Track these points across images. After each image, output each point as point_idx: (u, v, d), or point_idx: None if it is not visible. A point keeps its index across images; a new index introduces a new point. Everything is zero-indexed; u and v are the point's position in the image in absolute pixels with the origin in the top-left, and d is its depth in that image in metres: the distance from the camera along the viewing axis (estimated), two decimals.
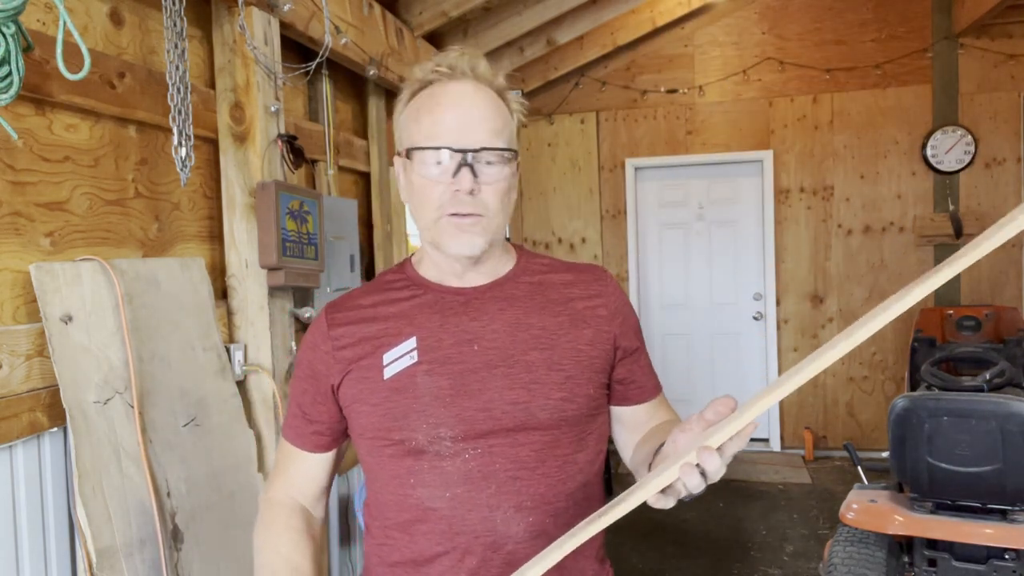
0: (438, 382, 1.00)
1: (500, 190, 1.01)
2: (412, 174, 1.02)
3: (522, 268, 1.12)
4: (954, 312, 4.21)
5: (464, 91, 1.01)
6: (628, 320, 1.12)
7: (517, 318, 1.05)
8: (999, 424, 2.26)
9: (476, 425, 0.99)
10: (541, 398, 1.00)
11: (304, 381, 1.10)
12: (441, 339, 1.03)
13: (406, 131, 1.04)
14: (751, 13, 5.15)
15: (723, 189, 5.31)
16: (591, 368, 1.05)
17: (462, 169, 0.97)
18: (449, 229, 1.00)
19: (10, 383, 1.45)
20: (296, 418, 1.11)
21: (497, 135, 1.00)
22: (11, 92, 1.31)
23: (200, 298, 1.95)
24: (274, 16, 2.21)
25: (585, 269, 1.14)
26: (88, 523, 1.48)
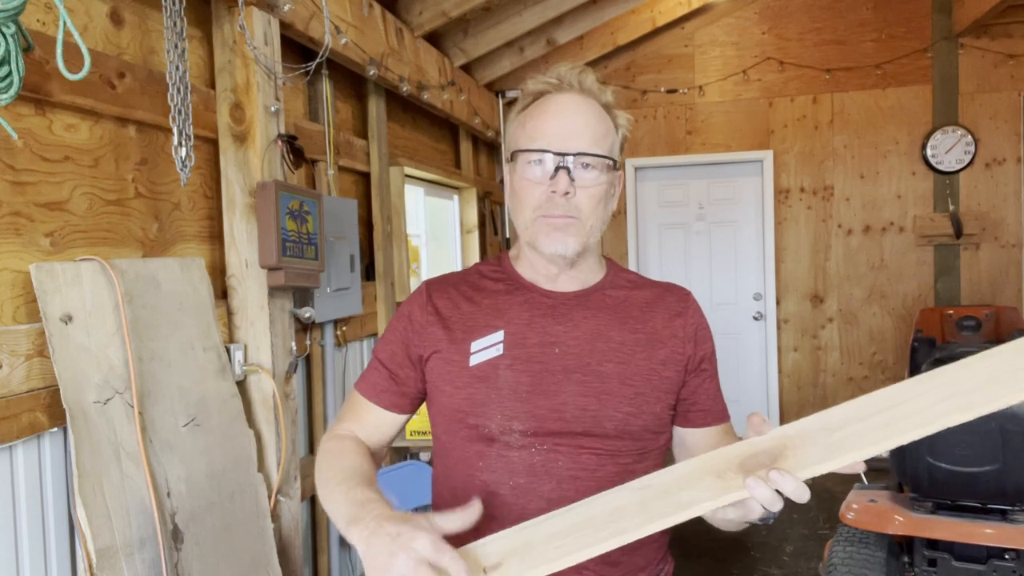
0: (519, 377, 1.05)
1: (595, 195, 1.05)
2: (514, 176, 1.08)
3: (610, 281, 1.16)
4: (954, 312, 4.21)
5: (569, 101, 1.07)
6: (703, 345, 1.15)
7: (598, 329, 1.09)
8: (999, 424, 2.26)
9: (546, 423, 1.03)
10: (610, 409, 1.04)
11: (395, 345, 1.15)
12: (527, 337, 1.08)
13: (513, 137, 1.12)
14: (751, 13, 5.15)
15: (723, 189, 5.31)
16: (661, 387, 1.08)
17: (559, 172, 1.02)
18: (544, 228, 1.05)
19: (10, 383, 1.45)
20: (380, 376, 1.15)
21: (596, 143, 1.05)
22: (11, 92, 1.31)
23: (200, 298, 1.95)
24: (274, 16, 2.21)
25: (669, 289, 1.18)
26: (88, 523, 1.48)
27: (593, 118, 1.06)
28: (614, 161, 1.08)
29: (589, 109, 1.07)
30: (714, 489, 0.77)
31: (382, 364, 1.16)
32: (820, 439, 0.76)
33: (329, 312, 2.66)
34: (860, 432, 0.75)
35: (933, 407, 0.73)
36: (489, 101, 4.68)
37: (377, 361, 1.17)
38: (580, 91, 1.08)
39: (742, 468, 0.78)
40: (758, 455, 0.78)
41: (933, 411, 0.73)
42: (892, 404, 0.75)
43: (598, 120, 1.07)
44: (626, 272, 1.21)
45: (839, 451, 0.74)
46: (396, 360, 1.14)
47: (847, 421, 0.76)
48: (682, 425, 1.15)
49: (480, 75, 4.48)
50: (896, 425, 0.73)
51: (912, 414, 0.73)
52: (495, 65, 4.47)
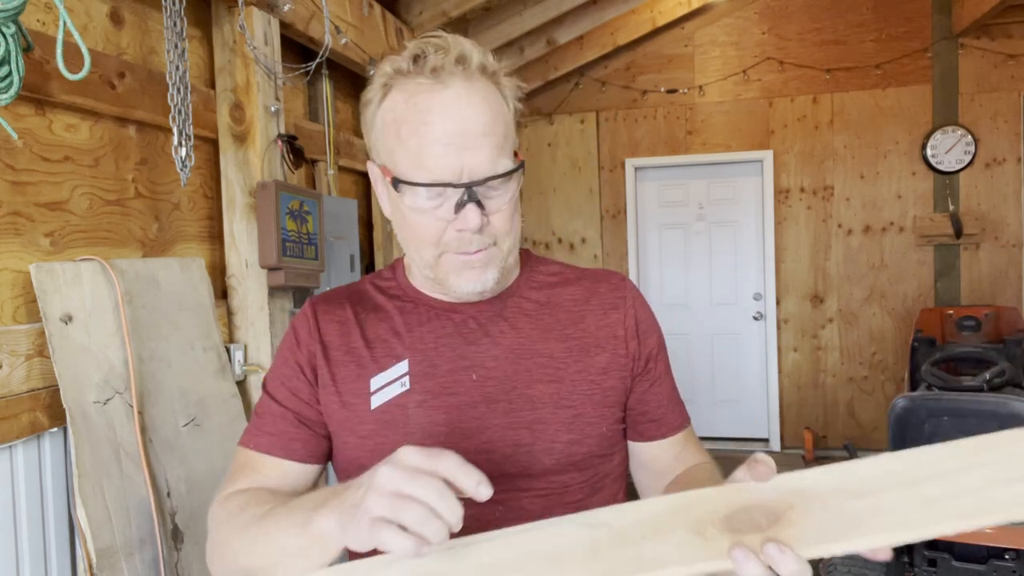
0: (432, 416, 0.86)
1: (510, 213, 0.85)
2: (401, 204, 0.84)
3: (526, 280, 0.96)
4: (954, 312, 4.21)
5: (456, 100, 0.80)
6: (647, 339, 0.95)
7: (520, 343, 0.90)
8: (999, 424, 2.26)
9: None
10: (546, 440, 0.86)
11: (294, 380, 0.92)
12: (435, 364, 0.89)
13: (384, 146, 0.86)
14: (751, 13, 5.15)
15: (723, 189, 5.31)
16: (604, 402, 0.90)
17: (467, 206, 0.80)
18: (455, 267, 0.85)
19: (10, 383, 1.45)
20: (284, 423, 0.91)
21: (500, 150, 0.82)
22: (11, 92, 1.31)
23: (200, 298, 1.95)
24: (274, 16, 2.21)
25: (600, 278, 0.98)
26: (88, 523, 1.48)
27: (489, 116, 0.81)
28: (522, 162, 0.86)
29: (481, 103, 0.81)
30: (688, 548, 0.60)
31: (282, 406, 0.91)
32: (836, 505, 0.58)
33: None
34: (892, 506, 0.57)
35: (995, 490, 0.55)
36: None
37: (273, 403, 0.92)
38: (466, 77, 0.81)
39: (729, 526, 0.60)
40: (752, 511, 0.60)
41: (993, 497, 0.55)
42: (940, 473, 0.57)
43: (495, 116, 0.82)
44: (545, 264, 1.00)
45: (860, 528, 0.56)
46: (301, 397, 0.91)
47: (876, 486, 0.58)
48: (633, 439, 0.97)
49: None
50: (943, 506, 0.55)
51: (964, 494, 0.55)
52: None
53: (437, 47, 0.82)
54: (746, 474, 0.62)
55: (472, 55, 0.82)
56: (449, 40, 0.83)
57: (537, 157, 5.52)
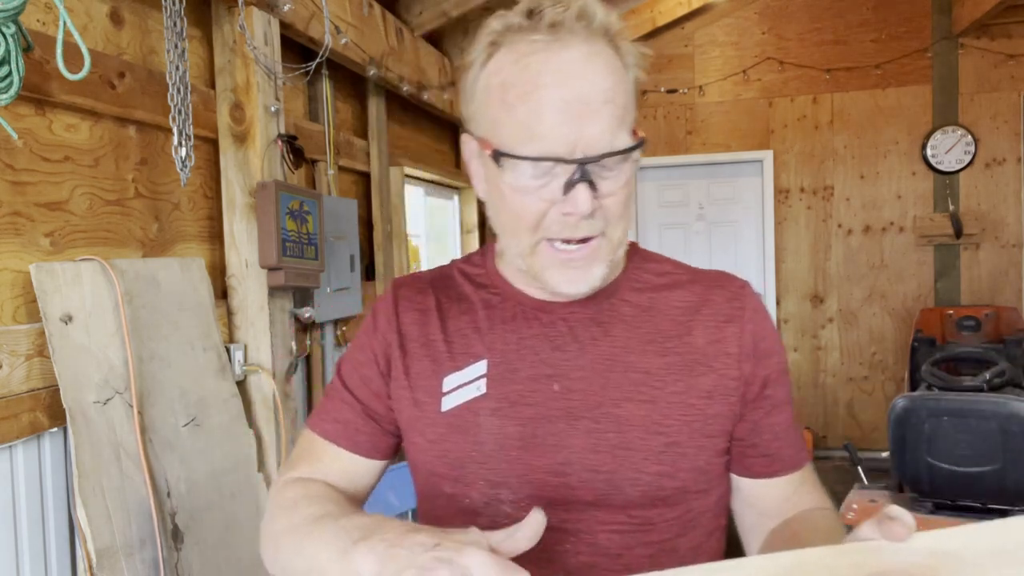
0: (505, 427, 0.77)
1: (624, 198, 0.74)
2: (500, 180, 0.74)
3: (630, 280, 0.84)
4: (954, 312, 4.22)
5: (574, 63, 0.70)
6: (766, 360, 0.81)
7: (613, 354, 0.78)
8: (999, 424, 2.26)
9: (545, 491, 0.75)
10: (631, 469, 0.75)
11: (367, 367, 0.85)
12: (515, 368, 0.79)
13: (486, 114, 0.75)
14: (751, 13, 5.15)
15: (723, 189, 5.31)
16: (705, 431, 0.78)
17: (578, 187, 0.69)
18: (554, 260, 0.74)
19: (10, 383, 1.45)
20: (350, 412, 0.86)
21: (620, 123, 0.71)
22: (11, 92, 1.31)
23: (200, 298, 1.95)
24: (274, 16, 2.21)
25: (717, 283, 0.85)
26: (88, 523, 1.48)
27: (610, 83, 0.71)
28: (643, 139, 0.75)
29: (603, 67, 0.71)
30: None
31: (352, 394, 0.86)
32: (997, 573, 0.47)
33: (329, 312, 2.66)
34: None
35: None
36: None
37: (344, 390, 0.86)
38: (588, 36, 0.71)
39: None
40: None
41: None
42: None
43: (616, 83, 0.71)
44: (655, 261, 0.88)
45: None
46: (371, 388, 0.85)
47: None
48: (739, 473, 0.83)
49: None
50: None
51: None
52: None
53: (555, 0, 0.71)
54: (875, 531, 0.52)
55: (596, 11, 0.72)
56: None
57: None
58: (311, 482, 0.82)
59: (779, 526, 0.81)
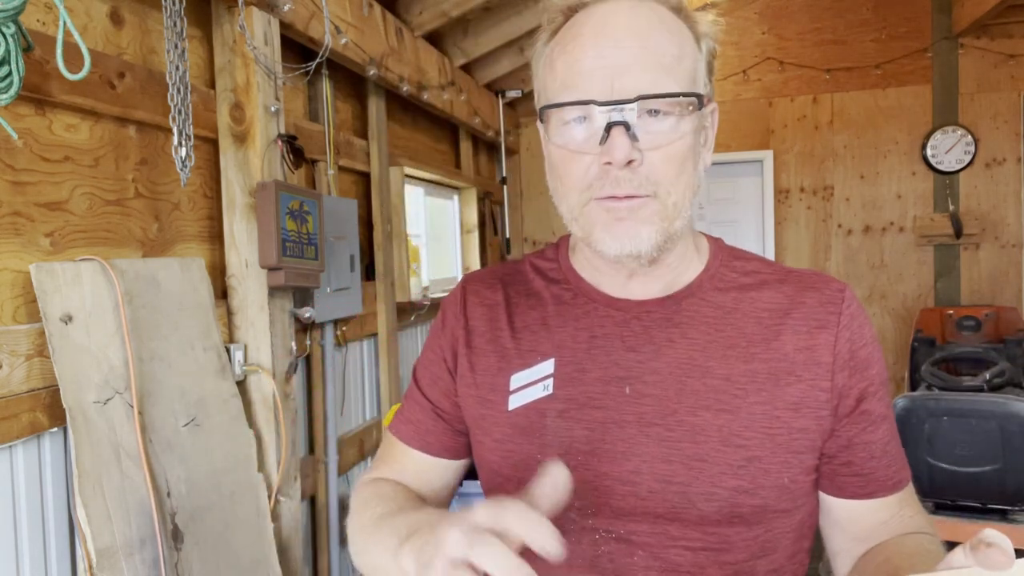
0: (572, 430, 0.74)
1: (675, 155, 0.69)
2: (549, 144, 0.74)
3: (713, 276, 0.78)
4: (954, 312, 4.22)
5: (616, 11, 0.69)
6: (864, 371, 0.74)
7: (691, 356, 0.74)
8: (999, 424, 2.26)
9: (612, 500, 0.72)
10: (706, 483, 0.70)
11: (436, 366, 0.85)
12: (585, 369, 0.75)
13: (542, 83, 0.76)
14: (751, 13, 5.15)
15: (723, 189, 5.31)
16: (791, 446, 0.72)
17: (613, 131, 0.66)
18: (602, 218, 0.70)
19: (10, 383, 1.45)
20: (421, 412, 0.85)
21: (668, 73, 0.67)
22: (11, 92, 1.31)
23: (200, 298, 1.95)
24: (274, 16, 2.21)
25: (811, 284, 0.77)
26: (88, 523, 1.48)
27: (658, 32, 0.68)
28: (699, 97, 0.69)
29: (650, 18, 0.69)
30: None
31: (423, 394, 0.86)
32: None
33: (329, 312, 2.66)
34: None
35: None
36: (489, 101, 4.68)
37: (417, 390, 0.87)
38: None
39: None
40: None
41: None
42: None
43: (667, 35, 0.69)
44: (743, 259, 0.81)
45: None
46: (440, 387, 0.84)
47: None
48: (830, 492, 0.77)
49: (480, 75, 4.47)
50: None
51: None
52: (495, 65, 4.47)
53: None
54: (970, 558, 0.47)
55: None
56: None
57: (537, 157, 5.52)
58: (383, 482, 0.83)
59: (872, 550, 0.75)
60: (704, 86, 0.72)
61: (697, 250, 0.80)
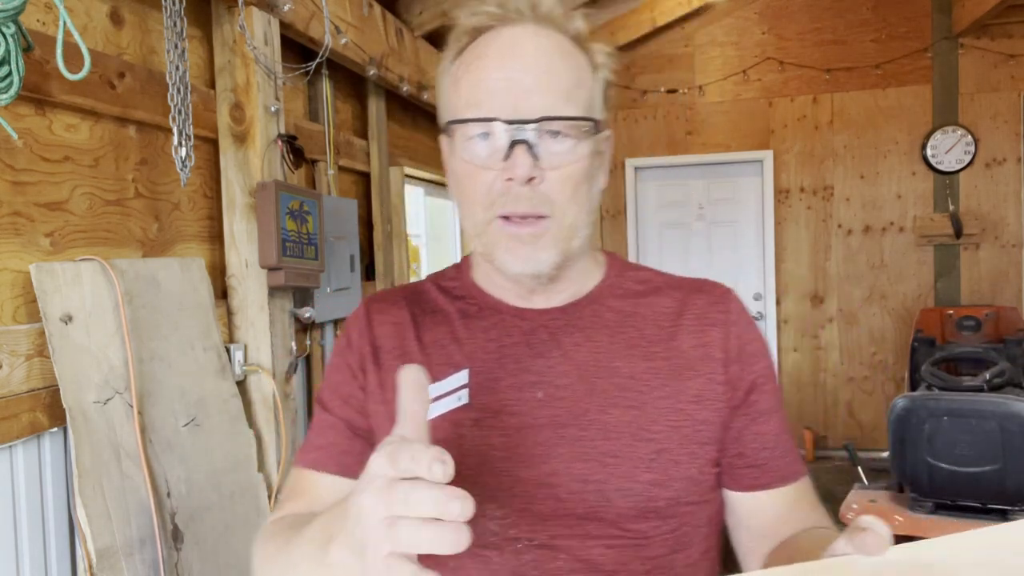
0: (488, 438, 0.75)
1: (573, 176, 0.73)
2: (453, 157, 0.77)
3: (611, 286, 0.83)
4: (954, 312, 4.22)
5: (519, 38, 0.73)
6: (752, 364, 0.79)
7: (597, 358, 0.77)
8: (999, 424, 2.26)
9: (534, 505, 0.73)
10: (621, 478, 0.73)
11: (344, 386, 0.83)
12: (497, 377, 0.77)
13: (446, 99, 0.78)
14: (751, 13, 5.15)
15: (723, 189, 5.31)
16: (696, 438, 0.75)
17: (516, 148, 0.70)
18: (503, 240, 0.73)
19: (10, 383, 1.45)
20: (336, 435, 0.82)
21: (567, 98, 0.72)
22: (11, 92, 1.31)
23: (200, 298, 1.95)
24: (274, 16, 2.21)
25: (699, 288, 0.83)
26: (88, 523, 1.48)
27: (559, 60, 0.73)
28: (596, 122, 0.75)
29: (552, 47, 0.73)
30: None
31: (335, 416, 0.83)
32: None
33: (329, 312, 2.66)
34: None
35: None
36: None
37: (325, 413, 0.84)
38: (535, 20, 0.74)
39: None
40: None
41: None
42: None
43: (566, 64, 0.73)
44: (637, 270, 0.87)
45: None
46: (354, 404, 0.82)
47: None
48: (730, 487, 0.80)
49: None
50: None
51: None
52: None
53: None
54: (850, 545, 0.50)
55: (551, 3, 0.75)
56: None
57: None
58: (295, 516, 0.76)
59: (776, 548, 0.77)
60: (600, 112, 0.77)
61: (595, 264, 0.85)
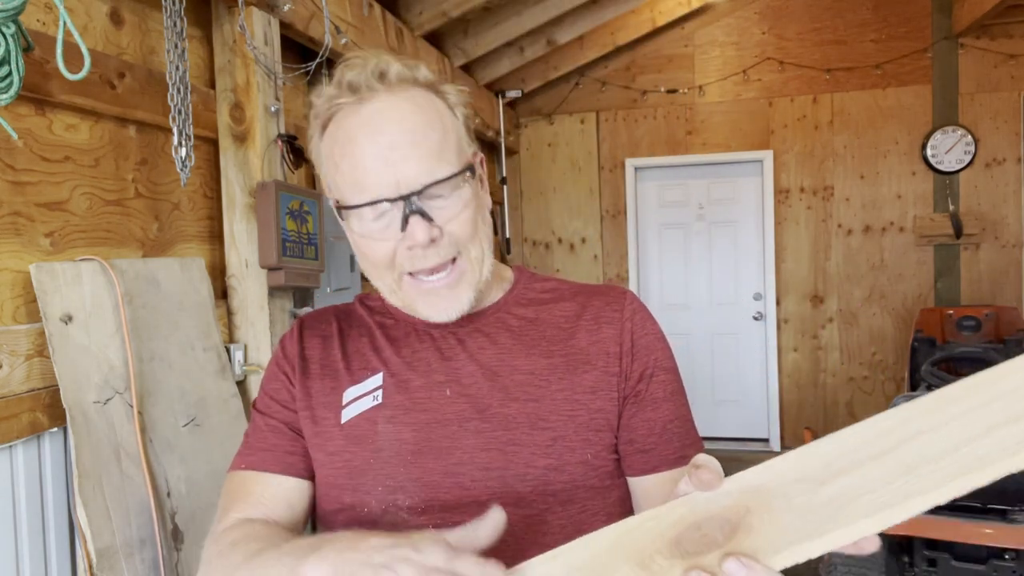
0: (400, 433, 0.80)
1: (467, 219, 0.80)
2: (351, 232, 0.82)
3: (517, 296, 0.91)
4: (954, 312, 4.21)
5: (379, 113, 0.78)
6: (644, 356, 0.85)
7: (500, 358, 0.84)
8: None
9: (440, 493, 0.78)
10: (520, 464, 0.78)
11: (281, 392, 0.89)
12: (409, 379, 0.84)
13: (327, 173, 0.83)
14: (751, 13, 5.15)
15: (723, 189, 5.31)
16: (590, 425, 0.81)
17: (410, 220, 0.76)
18: (419, 296, 0.81)
19: (10, 383, 1.45)
20: (276, 436, 0.87)
21: (439, 157, 0.77)
22: (11, 92, 1.31)
23: (200, 298, 1.95)
24: (274, 16, 2.21)
25: (597, 292, 0.90)
26: (88, 523, 1.48)
27: (421, 124, 0.78)
28: (471, 167, 0.81)
29: (410, 112, 0.78)
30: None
31: (274, 419, 0.87)
32: (802, 497, 0.49)
33: None
34: (869, 484, 0.48)
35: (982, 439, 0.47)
36: (489, 101, 4.68)
37: (267, 418, 0.88)
38: (388, 90, 0.79)
39: (679, 550, 0.51)
40: (704, 526, 0.51)
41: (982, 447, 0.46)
42: (914, 434, 0.48)
43: (428, 123, 0.78)
44: (542, 281, 0.93)
45: (836, 519, 0.48)
46: (292, 408, 0.87)
47: (843, 466, 0.50)
48: (626, 472, 0.85)
49: (480, 75, 4.47)
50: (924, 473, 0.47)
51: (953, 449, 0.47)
52: (495, 65, 4.47)
53: (353, 65, 0.80)
54: (689, 485, 0.53)
55: (390, 66, 0.80)
56: (368, 56, 0.81)
57: (537, 157, 5.52)
58: (248, 522, 0.80)
59: None
60: (469, 147, 0.83)
61: (500, 277, 0.92)
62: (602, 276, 5.44)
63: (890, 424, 0.50)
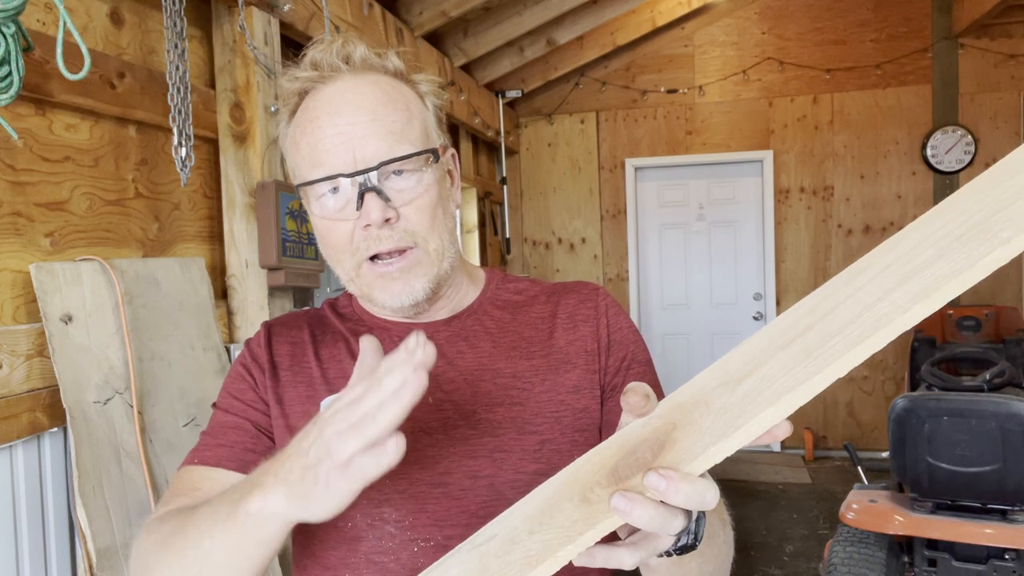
0: None
1: (427, 205, 0.78)
2: (313, 217, 0.82)
3: (491, 298, 0.89)
4: (954, 312, 4.21)
5: (341, 94, 0.77)
6: (619, 350, 0.85)
7: (480, 363, 0.82)
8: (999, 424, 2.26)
9: (428, 505, 0.76)
10: (509, 471, 0.77)
11: (247, 393, 0.85)
12: None
13: (291, 160, 0.83)
14: (751, 13, 5.15)
15: (723, 189, 5.31)
16: (577, 425, 0.80)
17: (365, 197, 0.75)
18: (375, 280, 0.79)
19: (10, 383, 1.45)
20: (231, 434, 0.82)
21: (400, 137, 0.77)
22: (11, 92, 1.31)
23: (200, 298, 1.95)
24: (274, 16, 2.21)
25: (569, 289, 0.89)
26: (88, 523, 1.48)
27: (383, 104, 0.77)
28: (434, 150, 0.79)
29: (373, 92, 0.77)
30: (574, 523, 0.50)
31: (238, 417, 0.83)
32: (719, 401, 0.50)
33: None
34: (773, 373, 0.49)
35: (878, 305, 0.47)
36: (489, 101, 4.68)
37: (228, 416, 0.84)
38: (352, 72, 0.78)
39: (615, 478, 0.51)
40: (638, 450, 0.51)
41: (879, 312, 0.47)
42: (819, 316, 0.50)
43: (391, 103, 0.78)
44: (515, 282, 0.92)
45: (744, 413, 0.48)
46: (260, 408, 0.84)
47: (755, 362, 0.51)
48: None
49: (480, 75, 4.48)
50: (827, 347, 0.47)
51: (849, 322, 0.47)
52: (495, 65, 4.47)
53: (320, 45, 0.80)
54: (628, 415, 0.53)
55: (356, 49, 0.79)
56: (336, 38, 0.80)
57: (537, 157, 5.53)
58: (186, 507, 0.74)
59: None
60: (437, 138, 0.82)
61: (473, 280, 0.91)
62: (602, 276, 5.44)
63: (800, 312, 0.51)
